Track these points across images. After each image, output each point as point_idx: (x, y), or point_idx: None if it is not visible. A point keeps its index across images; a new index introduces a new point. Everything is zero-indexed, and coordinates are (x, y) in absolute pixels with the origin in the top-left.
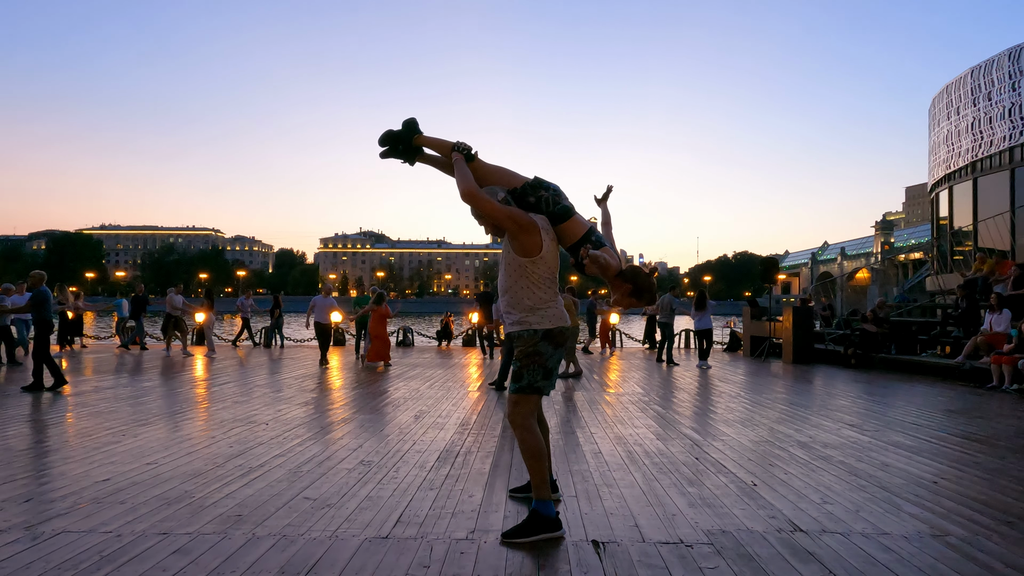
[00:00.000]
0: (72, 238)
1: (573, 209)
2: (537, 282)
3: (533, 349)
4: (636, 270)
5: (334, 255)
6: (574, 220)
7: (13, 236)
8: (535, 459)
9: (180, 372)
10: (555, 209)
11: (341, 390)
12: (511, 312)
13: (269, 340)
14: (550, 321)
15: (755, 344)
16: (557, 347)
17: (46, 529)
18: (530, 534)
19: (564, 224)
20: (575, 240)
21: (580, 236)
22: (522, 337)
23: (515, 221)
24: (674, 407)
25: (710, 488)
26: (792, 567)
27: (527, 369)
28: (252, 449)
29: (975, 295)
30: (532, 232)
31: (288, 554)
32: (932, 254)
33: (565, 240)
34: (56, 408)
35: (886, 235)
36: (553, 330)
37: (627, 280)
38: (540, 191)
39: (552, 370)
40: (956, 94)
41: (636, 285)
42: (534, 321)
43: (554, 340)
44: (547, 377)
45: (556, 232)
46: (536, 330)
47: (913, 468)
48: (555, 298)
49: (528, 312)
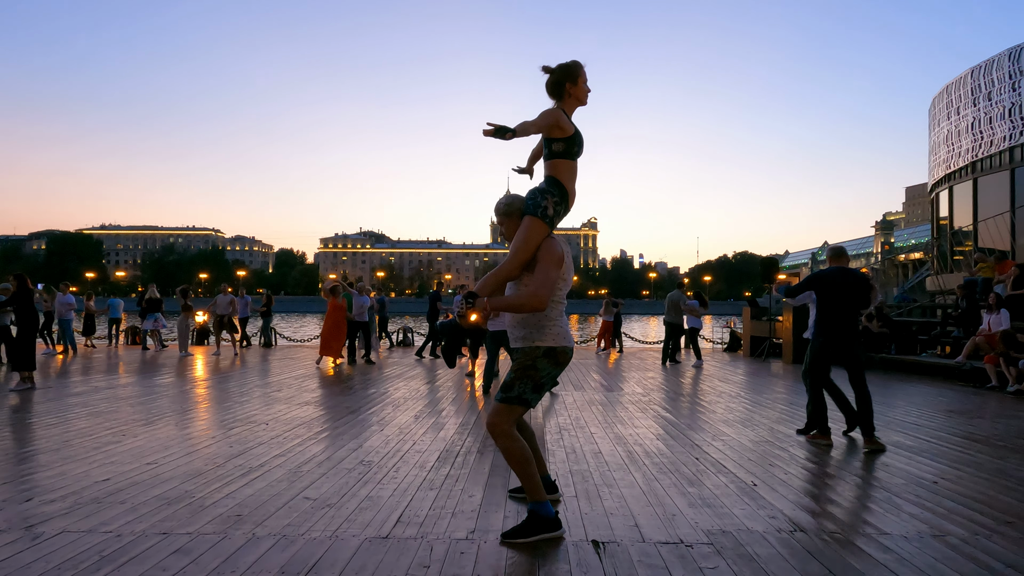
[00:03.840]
0: (72, 238)
1: (530, 210)
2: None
3: (531, 363)
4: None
5: (334, 255)
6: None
7: (13, 236)
8: (522, 465)
9: (180, 372)
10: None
11: (341, 390)
12: (517, 327)
13: (269, 340)
14: (553, 339)
15: (755, 344)
16: (556, 366)
17: (46, 529)
18: (529, 534)
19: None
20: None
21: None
22: (524, 351)
23: (547, 257)
24: (674, 407)
25: (710, 488)
26: (792, 567)
27: (519, 381)
28: (252, 449)
29: (975, 295)
30: (559, 265)
31: (288, 554)
32: (932, 254)
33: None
34: (56, 408)
35: (886, 235)
36: (556, 348)
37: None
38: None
39: (543, 386)
40: (956, 94)
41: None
42: (538, 338)
43: (555, 359)
44: (536, 391)
45: (508, 224)
46: (538, 346)
47: (913, 468)
48: (561, 317)
49: (535, 329)
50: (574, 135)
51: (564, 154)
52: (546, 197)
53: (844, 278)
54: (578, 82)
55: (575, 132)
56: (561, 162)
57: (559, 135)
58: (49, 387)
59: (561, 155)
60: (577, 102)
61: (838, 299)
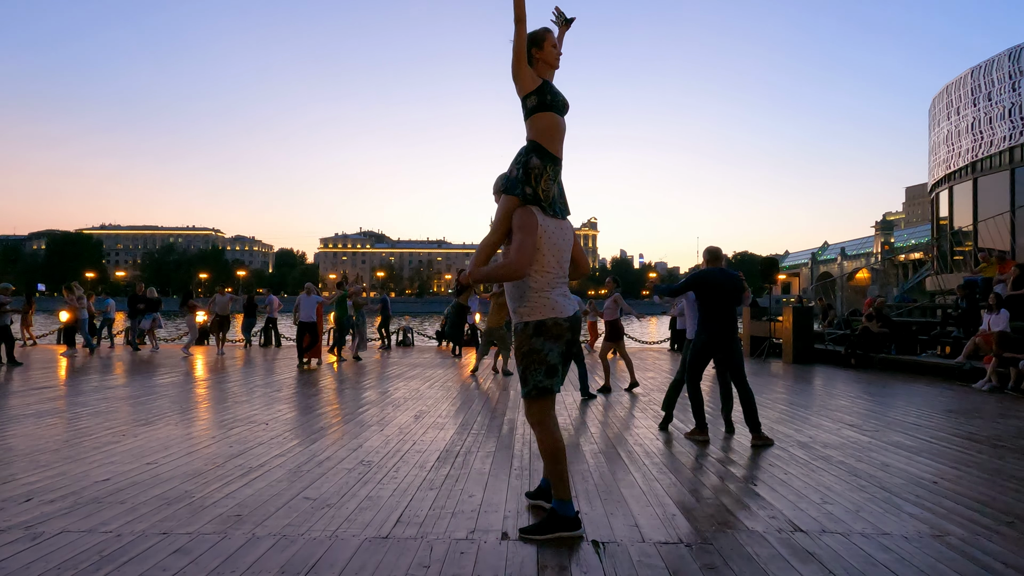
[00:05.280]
0: (72, 238)
1: (508, 189)
2: (531, 269)
3: (528, 347)
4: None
5: (334, 255)
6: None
7: (13, 236)
8: (549, 458)
9: (179, 372)
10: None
11: (341, 390)
12: (510, 303)
13: (268, 339)
14: (541, 312)
15: (755, 344)
16: (553, 340)
17: (46, 529)
18: (545, 532)
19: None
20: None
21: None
22: (517, 333)
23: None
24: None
25: (710, 488)
26: (792, 567)
27: (528, 371)
28: (252, 449)
29: (975, 295)
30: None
31: (288, 554)
32: (932, 254)
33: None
34: (56, 408)
35: (886, 235)
36: (545, 321)
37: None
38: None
39: (555, 366)
40: (956, 94)
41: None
42: (525, 313)
43: (547, 332)
44: (551, 375)
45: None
46: (527, 323)
47: (913, 468)
48: (548, 288)
49: (520, 302)
50: (543, 84)
51: (538, 107)
52: (521, 171)
53: (723, 278)
54: (544, 46)
55: (543, 82)
56: (537, 117)
57: (531, 86)
58: (49, 387)
59: (536, 109)
60: (547, 66)
61: (718, 298)
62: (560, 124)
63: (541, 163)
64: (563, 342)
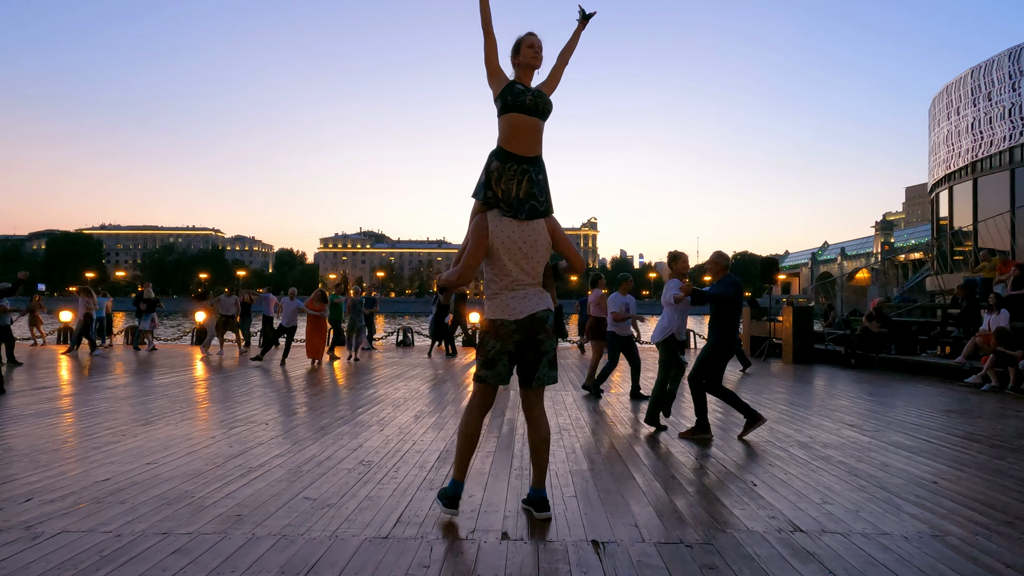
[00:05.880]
0: (72, 238)
1: (475, 193)
2: (490, 272)
3: (479, 340)
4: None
5: (334, 255)
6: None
7: (13, 236)
8: (461, 439)
9: (179, 372)
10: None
11: (340, 390)
12: None
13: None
14: (491, 312)
15: (755, 344)
16: (497, 339)
17: (46, 529)
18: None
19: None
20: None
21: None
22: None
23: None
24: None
25: (710, 488)
26: (792, 567)
27: (477, 359)
28: (252, 449)
29: (975, 295)
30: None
31: (288, 554)
32: (932, 254)
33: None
34: (56, 408)
35: (886, 235)
36: (495, 321)
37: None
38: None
39: (493, 360)
40: (956, 94)
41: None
42: (485, 310)
43: (495, 331)
44: (488, 367)
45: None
46: (489, 319)
47: (913, 468)
48: (505, 290)
49: (486, 300)
50: (505, 86)
51: (502, 109)
52: (484, 175)
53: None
54: (520, 50)
55: (507, 84)
56: (501, 119)
57: (496, 91)
58: (49, 387)
59: (501, 111)
60: (528, 67)
61: (739, 306)
62: (523, 123)
63: (501, 165)
64: (511, 342)
